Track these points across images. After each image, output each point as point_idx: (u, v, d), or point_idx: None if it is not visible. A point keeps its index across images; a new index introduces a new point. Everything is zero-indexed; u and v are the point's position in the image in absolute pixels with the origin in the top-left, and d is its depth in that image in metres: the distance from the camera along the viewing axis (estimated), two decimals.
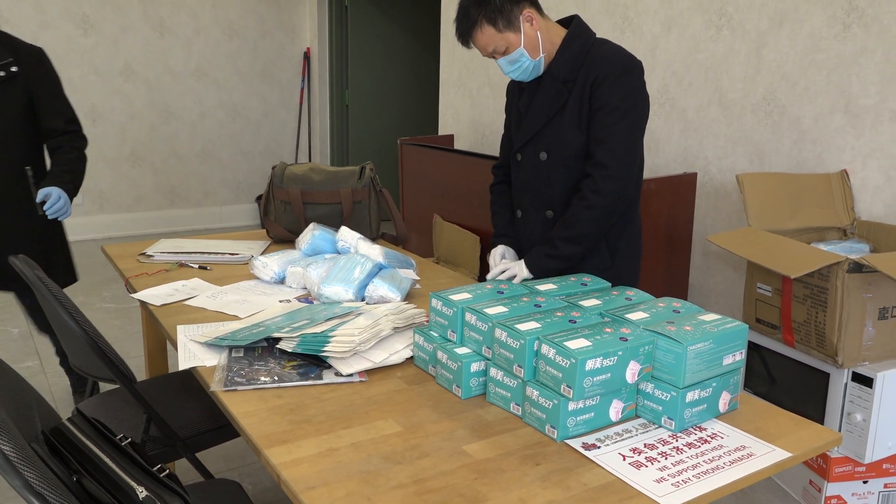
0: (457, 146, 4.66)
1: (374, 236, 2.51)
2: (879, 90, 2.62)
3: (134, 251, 2.37)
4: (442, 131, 4.92)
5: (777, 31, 2.90)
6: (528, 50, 1.86)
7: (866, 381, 2.23)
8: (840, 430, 2.32)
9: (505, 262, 1.96)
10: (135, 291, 1.98)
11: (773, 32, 2.92)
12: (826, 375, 2.33)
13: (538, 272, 1.88)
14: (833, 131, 2.76)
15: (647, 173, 3.35)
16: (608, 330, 1.32)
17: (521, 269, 1.90)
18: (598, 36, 1.96)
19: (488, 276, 2.02)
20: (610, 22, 3.56)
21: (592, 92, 1.85)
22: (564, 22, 1.98)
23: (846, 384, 2.29)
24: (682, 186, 3.09)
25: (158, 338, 2.44)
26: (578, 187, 1.90)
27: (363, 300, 1.86)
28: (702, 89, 3.22)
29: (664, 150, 3.41)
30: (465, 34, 1.86)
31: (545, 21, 1.91)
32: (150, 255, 2.30)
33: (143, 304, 1.91)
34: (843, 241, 2.59)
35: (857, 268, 2.15)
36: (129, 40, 5.65)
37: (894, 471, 2.38)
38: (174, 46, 5.84)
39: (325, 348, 1.49)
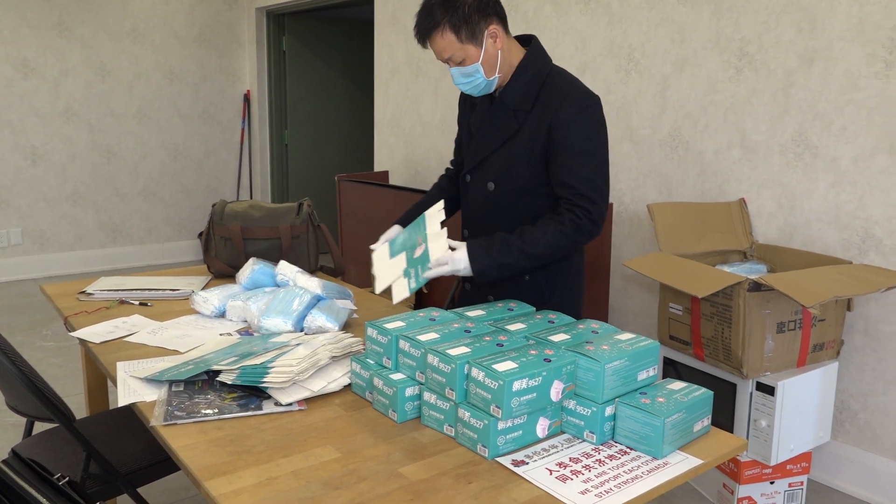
0: (391, 182, 4.68)
1: (312, 269, 2.48)
2: (769, 126, 2.76)
3: (74, 290, 2.27)
4: (377, 168, 4.92)
5: (679, 74, 3.04)
6: (485, 67, 1.71)
7: (769, 390, 2.32)
8: (748, 436, 2.40)
9: (444, 241, 1.66)
10: (74, 330, 1.89)
11: (675, 76, 3.05)
12: (733, 386, 2.41)
13: (481, 273, 1.67)
14: (731, 164, 2.89)
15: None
16: (533, 352, 1.33)
17: (460, 265, 1.65)
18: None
19: (374, 245, 1.87)
20: None
21: (552, 132, 1.70)
22: (523, 40, 1.82)
23: (751, 393, 2.36)
24: None
25: (98, 375, 2.34)
26: (550, 212, 1.74)
27: (302, 331, 1.83)
28: (615, 127, 3.33)
29: None
30: (425, 34, 1.69)
31: (508, 40, 1.75)
32: (90, 294, 2.21)
33: (83, 342, 1.83)
34: (743, 262, 2.70)
35: (757, 287, 2.24)
36: (69, 84, 5.49)
37: (797, 471, 2.47)
38: (116, 89, 5.69)
39: (265, 379, 1.46)
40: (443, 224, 1.73)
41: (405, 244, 1.80)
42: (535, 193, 1.80)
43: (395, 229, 1.96)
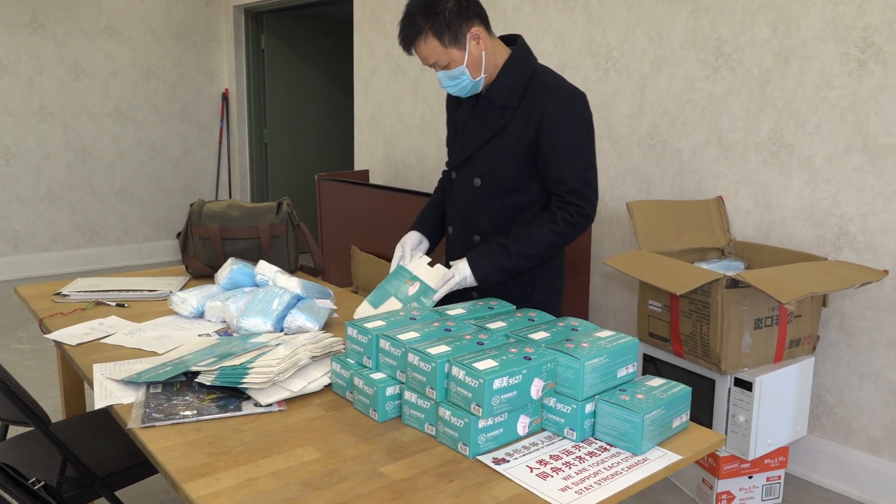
0: (372, 181, 4.66)
1: (292, 269, 2.47)
2: (745, 125, 2.79)
3: (49, 291, 2.24)
4: (357, 167, 4.91)
5: (657, 73, 3.06)
6: (471, 69, 1.75)
7: (746, 385, 2.34)
8: (726, 431, 2.43)
9: (443, 269, 1.80)
10: (49, 332, 1.87)
11: (653, 75, 3.08)
12: (712, 382, 2.43)
13: (483, 280, 1.77)
14: (709, 162, 2.92)
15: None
16: (513, 350, 1.33)
17: (465, 273, 1.76)
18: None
19: (397, 255, 1.93)
20: None
21: (542, 130, 1.74)
22: (508, 39, 1.86)
23: (729, 389, 2.39)
24: None
25: (75, 377, 2.31)
26: (534, 207, 1.83)
27: (282, 331, 1.82)
28: (594, 125, 3.34)
29: None
30: (409, 41, 1.73)
31: (492, 40, 1.79)
32: (66, 295, 2.18)
33: (59, 344, 1.81)
34: (721, 259, 2.73)
35: (734, 283, 2.27)
36: (43, 82, 5.40)
37: (774, 465, 2.50)
38: (91, 88, 5.62)
39: (244, 380, 1.45)
40: (431, 264, 1.83)
41: (388, 294, 1.84)
42: (521, 189, 1.82)
43: (414, 235, 2.00)
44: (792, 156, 2.67)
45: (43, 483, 1.27)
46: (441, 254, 2.06)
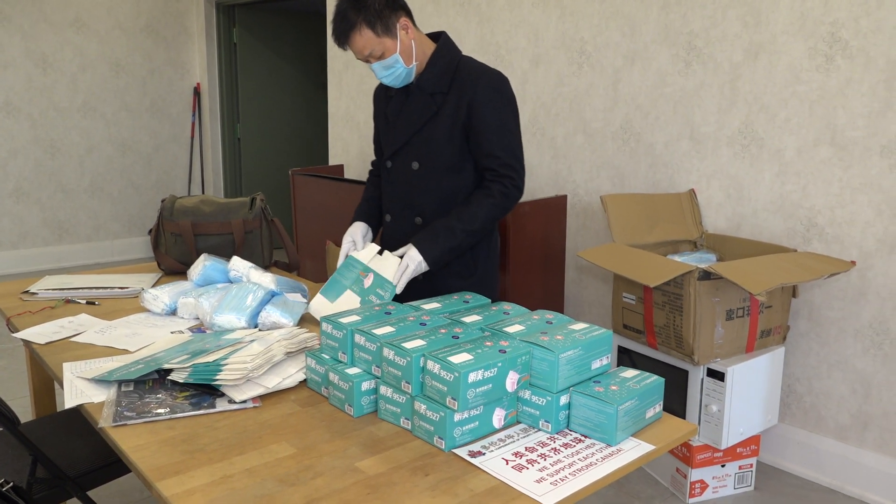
0: (347, 175, 4.64)
1: (266, 264, 2.45)
2: (717, 119, 2.82)
3: (17, 289, 2.20)
4: (332, 162, 4.88)
5: (630, 67, 3.08)
6: (403, 57, 1.86)
7: (719, 376, 2.38)
8: (699, 421, 2.46)
9: (393, 257, 1.85)
10: (17, 331, 1.83)
11: (626, 69, 3.10)
12: (685, 372, 2.47)
13: (435, 263, 1.83)
14: (681, 155, 2.95)
15: (522, 196, 3.44)
16: (488, 343, 1.34)
17: (417, 259, 1.81)
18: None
19: (345, 246, 1.98)
20: (481, 59, 3.66)
21: (472, 111, 1.86)
22: (433, 37, 1.99)
23: (702, 379, 2.42)
24: (554, 208, 3.20)
25: (44, 377, 2.27)
26: (470, 187, 1.93)
27: (256, 327, 1.80)
28: (568, 119, 3.36)
29: (537, 175, 3.53)
30: (343, 36, 1.83)
31: (418, 33, 1.91)
32: (34, 293, 2.14)
33: (27, 343, 1.77)
34: (693, 252, 2.76)
35: (706, 276, 2.30)
36: (9, 77, 5.29)
37: (746, 454, 2.54)
38: (58, 82, 5.51)
39: (218, 377, 1.43)
40: (380, 252, 1.88)
41: (343, 287, 1.87)
42: (458, 169, 1.93)
43: (361, 226, 2.07)
44: (762, 149, 2.71)
45: (12, 484, 1.25)
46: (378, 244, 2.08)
